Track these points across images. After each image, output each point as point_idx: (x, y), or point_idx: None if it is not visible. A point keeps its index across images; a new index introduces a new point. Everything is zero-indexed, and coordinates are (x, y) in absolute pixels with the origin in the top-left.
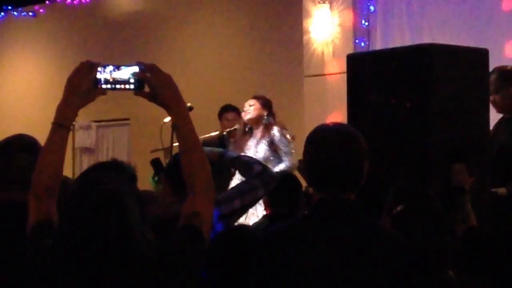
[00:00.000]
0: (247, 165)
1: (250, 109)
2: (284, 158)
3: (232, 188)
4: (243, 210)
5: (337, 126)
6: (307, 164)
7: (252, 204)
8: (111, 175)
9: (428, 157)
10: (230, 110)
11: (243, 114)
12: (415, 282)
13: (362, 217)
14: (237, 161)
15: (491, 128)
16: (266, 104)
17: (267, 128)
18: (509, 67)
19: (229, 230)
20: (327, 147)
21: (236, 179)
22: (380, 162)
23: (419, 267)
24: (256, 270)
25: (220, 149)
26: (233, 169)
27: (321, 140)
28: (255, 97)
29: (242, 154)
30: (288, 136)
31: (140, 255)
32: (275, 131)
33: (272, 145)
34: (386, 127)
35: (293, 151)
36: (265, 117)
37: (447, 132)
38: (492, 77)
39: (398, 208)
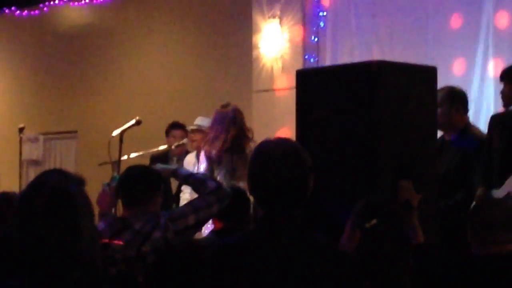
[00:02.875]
0: (201, 182)
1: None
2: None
3: (186, 204)
4: (198, 226)
5: (281, 142)
6: (251, 180)
7: (206, 220)
8: (60, 177)
9: (375, 173)
10: (177, 128)
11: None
12: None
13: (308, 233)
14: (190, 178)
15: None
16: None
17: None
18: (457, 88)
19: (174, 247)
20: (271, 164)
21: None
22: (327, 178)
23: (375, 280)
24: (203, 285)
25: (172, 166)
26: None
27: (265, 156)
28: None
29: (196, 171)
30: None
31: (87, 256)
32: None
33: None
34: (334, 143)
35: None
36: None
37: (395, 148)
38: (440, 94)
39: (372, 222)
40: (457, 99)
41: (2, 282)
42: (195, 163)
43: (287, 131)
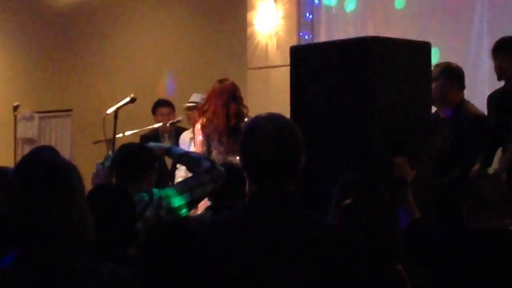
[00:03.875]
0: (196, 161)
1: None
2: None
3: (180, 182)
4: (191, 204)
5: (273, 118)
6: (243, 156)
7: (200, 199)
8: (52, 152)
9: (370, 149)
10: (164, 105)
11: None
12: (352, 275)
13: (299, 209)
14: (185, 157)
15: None
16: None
17: None
18: (454, 64)
19: (168, 222)
20: (264, 140)
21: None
22: (322, 155)
23: (360, 260)
24: (195, 261)
25: (166, 145)
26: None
27: (257, 133)
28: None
29: (190, 150)
30: None
31: (80, 228)
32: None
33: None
34: (328, 120)
35: None
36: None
37: (389, 124)
38: (436, 69)
39: (346, 202)
40: (454, 75)
41: None
42: (191, 140)
43: (282, 108)
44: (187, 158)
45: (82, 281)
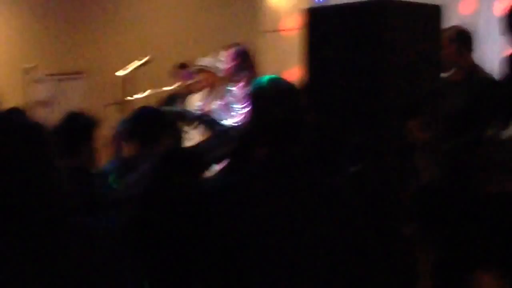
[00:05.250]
0: (209, 125)
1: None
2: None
3: (195, 145)
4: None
5: (275, 81)
6: (251, 118)
7: (215, 161)
8: (22, 115)
9: (382, 113)
10: (184, 68)
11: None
12: (362, 236)
13: (311, 171)
14: (200, 120)
15: None
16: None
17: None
18: (463, 27)
19: (179, 186)
20: (267, 102)
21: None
22: (335, 117)
23: (372, 223)
24: (209, 222)
25: (180, 108)
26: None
27: (262, 95)
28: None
29: (204, 113)
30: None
31: (59, 191)
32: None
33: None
34: (342, 82)
35: None
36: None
37: (401, 88)
38: (446, 34)
39: (355, 167)
40: (464, 38)
41: None
42: (200, 103)
43: (295, 71)
44: (201, 122)
45: (70, 239)
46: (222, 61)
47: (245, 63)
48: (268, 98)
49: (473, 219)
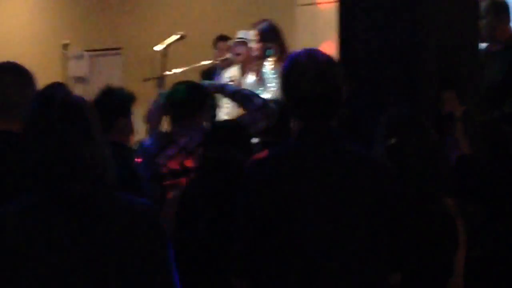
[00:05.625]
0: (248, 99)
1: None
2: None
3: (235, 119)
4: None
5: (312, 53)
6: (285, 93)
7: (253, 136)
8: (66, 91)
9: (419, 84)
10: (224, 40)
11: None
12: (401, 209)
13: (345, 143)
14: (238, 94)
15: None
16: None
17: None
18: None
19: (217, 160)
20: (304, 75)
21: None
22: (371, 90)
23: (411, 196)
24: (244, 196)
25: (219, 82)
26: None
27: (298, 68)
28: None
29: (242, 87)
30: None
31: (102, 165)
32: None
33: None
34: (378, 55)
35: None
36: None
37: (437, 59)
38: (482, 5)
39: (392, 141)
40: (500, 9)
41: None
42: (235, 77)
43: (331, 45)
44: (240, 96)
45: (107, 215)
46: (253, 40)
47: (273, 40)
48: (305, 71)
49: (509, 188)
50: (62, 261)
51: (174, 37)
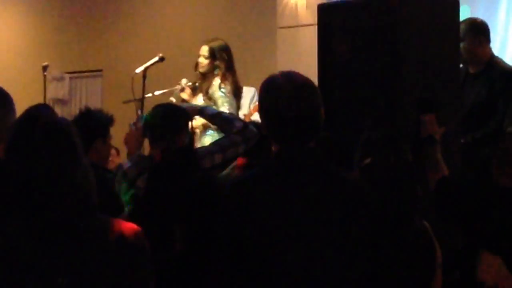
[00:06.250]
0: (228, 122)
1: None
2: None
3: (213, 143)
4: (224, 165)
5: (290, 75)
6: (263, 115)
7: (233, 159)
8: (50, 112)
9: (398, 107)
10: None
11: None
12: (379, 232)
13: (325, 165)
14: (217, 117)
15: None
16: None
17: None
18: (478, 20)
19: (195, 178)
20: (282, 97)
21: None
22: (350, 113)
23: (386, 217)
24: (222, 218)
25: (199, 105)
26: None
27: (276, 90)
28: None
29: (222, 110)
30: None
31: (84, 186)
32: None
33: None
34: (357, 78)
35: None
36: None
37: (417, 82)
38: (462, 27)
39: (366, 161)
40: (480, 31)
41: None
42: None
43: (312, 67)
44: (219, 118)
45: (88, 240)
46: (203, 55)
47: (222, 59)
48: (282, 92)
49: (490, 214)
50: (47, 285)
51: (154, 60)
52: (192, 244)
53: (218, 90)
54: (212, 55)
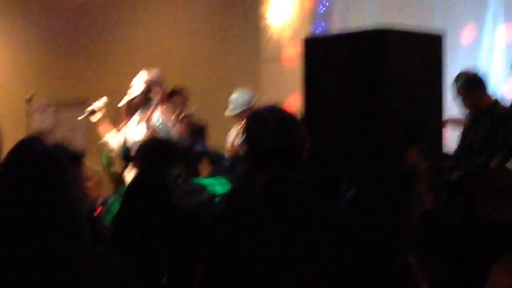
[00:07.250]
0: (216, 159)
1: None
2: None
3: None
4: (211, 201)
5: (274, 109)
6: (248, 146)
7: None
8: (42, 143)
9: (382, 140)
10: (177, 94)
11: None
12: (360, 264)
13: (308, 198)
14: (205, 155)
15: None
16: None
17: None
18: (471, 74)
19: (178, 212)
20: (266, 129)
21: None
22: (335, 146)
23: (367, 250)
24: (205, 250)
25: (188, 141)
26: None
27: (261, 123)
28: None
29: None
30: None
31: (76, 220)
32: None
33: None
34: (341, 111)
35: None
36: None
37: (401, 116)
38: (458, 83)
39: (351, 192)
40: (477, 85)
41: None
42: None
43: (296, 101)
44: (207, 156)
45: (76, 274)
46: (136, 83)
47: (157, 92)
48: (267, 125)
49: (474, 247)
50: None
51: (135, 93)
52: (177, 275)
53: (157, 121)
54: (149, 87)
